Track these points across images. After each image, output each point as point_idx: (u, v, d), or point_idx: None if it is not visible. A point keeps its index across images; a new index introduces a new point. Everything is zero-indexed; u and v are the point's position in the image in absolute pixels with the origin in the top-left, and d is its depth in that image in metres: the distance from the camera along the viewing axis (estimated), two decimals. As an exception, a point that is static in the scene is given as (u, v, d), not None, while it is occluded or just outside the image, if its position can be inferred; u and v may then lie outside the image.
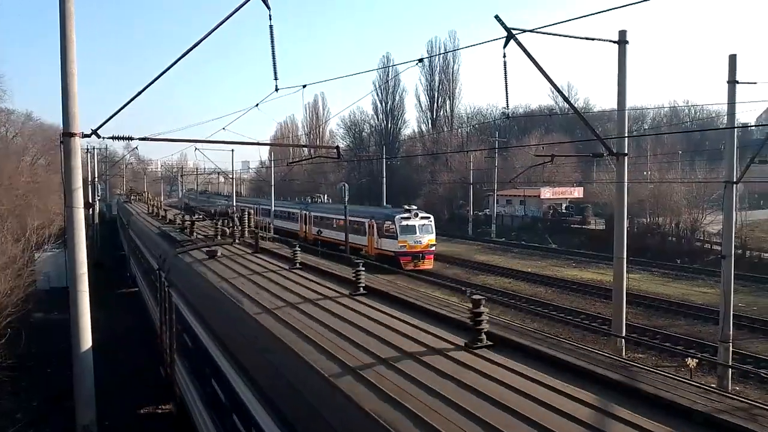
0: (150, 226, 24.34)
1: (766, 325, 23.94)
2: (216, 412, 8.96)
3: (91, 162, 50.07)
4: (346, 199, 46.83)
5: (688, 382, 4.76)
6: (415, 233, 39.94)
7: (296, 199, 71.29)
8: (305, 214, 55.76)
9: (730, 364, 17.61)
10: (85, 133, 10.83)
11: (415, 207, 43.34)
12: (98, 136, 11.04)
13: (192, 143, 26.48)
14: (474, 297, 5.92)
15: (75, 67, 10.55)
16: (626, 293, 15.27)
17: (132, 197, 55.16)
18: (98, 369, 11.44)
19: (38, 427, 14.80)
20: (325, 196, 65.45)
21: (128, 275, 32.63)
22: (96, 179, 51.24)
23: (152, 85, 10.85)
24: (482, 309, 5.81)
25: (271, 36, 11.24)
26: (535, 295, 31.61)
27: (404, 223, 40.12)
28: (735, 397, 4.52)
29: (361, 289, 8.55)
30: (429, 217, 41.64)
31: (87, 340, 10.98)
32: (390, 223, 40.66)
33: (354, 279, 8.64)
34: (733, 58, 17.03)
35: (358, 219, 45.01)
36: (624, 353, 13.40)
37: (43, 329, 21.83)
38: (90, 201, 42.52)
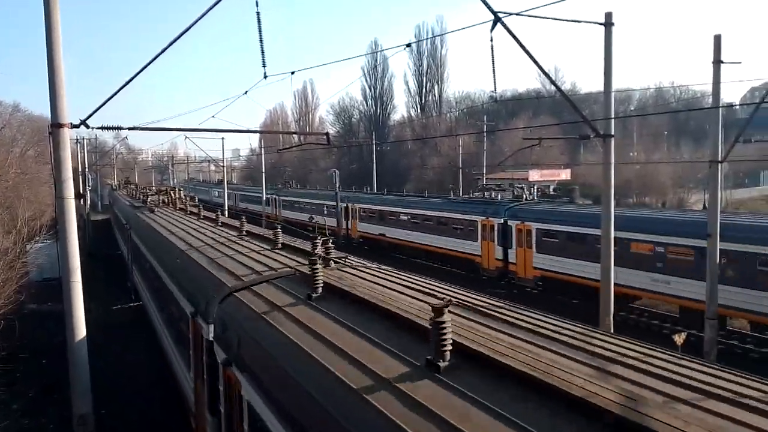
0: None
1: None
2: None
3: (80, 152, 49.78)
4: (338, 185, 47.49)
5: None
6: None
7: (427, 191, 53.63)
8: (510, 226, 29.02)
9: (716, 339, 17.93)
10: (74, 123, 10.80)
11: None
12: (87, 126, 11.03)
13: (182, 132, 26.41)
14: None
15: (61, 57, 10.50)
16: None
17: (149, 197, 32.63)
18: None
19: (34, 418, 14.90)
20: (526, 189, 36.45)
21: None
22: (86, 170, 50.95)
23: (141, 73, 10.86)
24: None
25: (258, 23, 11.30)
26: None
27: None
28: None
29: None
30: None
31: (81, 331, 11.02)
32: None
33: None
34: (718, 39, 17.18)
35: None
36: (612, 328, 13.62)
37: (37, 320, 21.86)
38: (81, 192, 42.39)
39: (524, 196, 33.82)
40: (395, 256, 38.26)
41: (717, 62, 17.11)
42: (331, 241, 10.14)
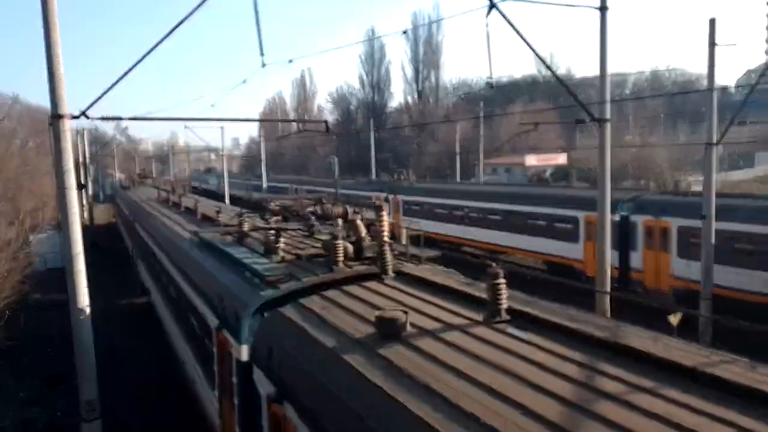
0: None
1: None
2: None
3: (81, 143, 49.76)
4: (336, 173, 45.22)
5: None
6: None
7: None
8: None
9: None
10: (74, 114, 10.84)
11: None
12: (87, 117, 11.04)
13: (181, 121, 26.43)
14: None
15: (60, 48, 10.50)
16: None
17: (281, 240, 10.27)
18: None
19: (41, 406, 15.13)
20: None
21: None
22: (87, 160, 50.95)
23: (140, 63, 10.90)
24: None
25: (256, 12, 11.36)
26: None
27: None
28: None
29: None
30: None
31: (86, 319, 11.16)
32: None
33: None
34: (713, 22, 17.27)
35: None
36: (609, 313, 13.82)
37: (42, 310, 22.03)
38: (82, 182, 42.38)
39: None
40: None
41: (712, 45, 17.21)
42: None
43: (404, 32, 15.07)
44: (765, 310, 17.43)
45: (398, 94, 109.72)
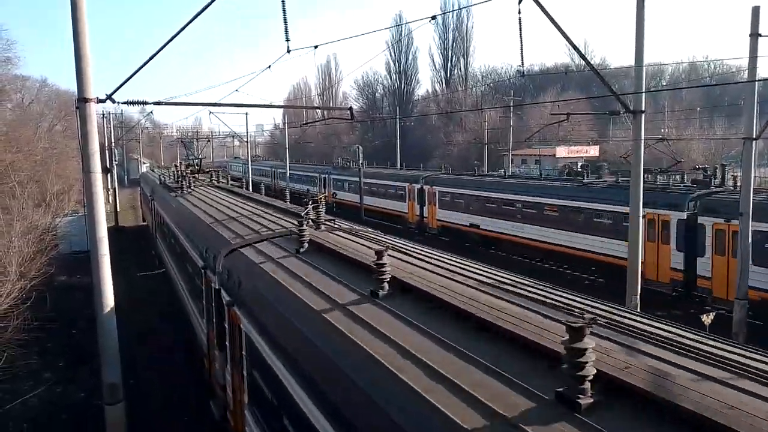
0: None
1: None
2: None
3: (107, 127, 50.34)
4: (361, 161, 44.84)
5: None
6: None
7: None
8: None
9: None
10: (100, 98, 10.84)
11: None
12: (113, 101, 11.05)
13: (206, 106, 26.40)
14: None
15: (87, 32, 10.50)
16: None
17: None
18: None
19: (65, 386, 15.29)
20: None
21: None
22: (113, 144, 51.52)
23: (165, 47, 10.81)
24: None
25: (282, -3, 11.16)
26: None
27: None
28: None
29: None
30: None
31: (109, 302, 11.18)
32: None
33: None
34: (756, 10, 16.62)
35: None
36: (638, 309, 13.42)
37: (67, 292, 22.29)
38: (107, 166, 42.69)
39: None
40: None
41: (755, 35, 16.56)
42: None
43: (432, 18, 14.61)
44: None
45: (425, 82, 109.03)
